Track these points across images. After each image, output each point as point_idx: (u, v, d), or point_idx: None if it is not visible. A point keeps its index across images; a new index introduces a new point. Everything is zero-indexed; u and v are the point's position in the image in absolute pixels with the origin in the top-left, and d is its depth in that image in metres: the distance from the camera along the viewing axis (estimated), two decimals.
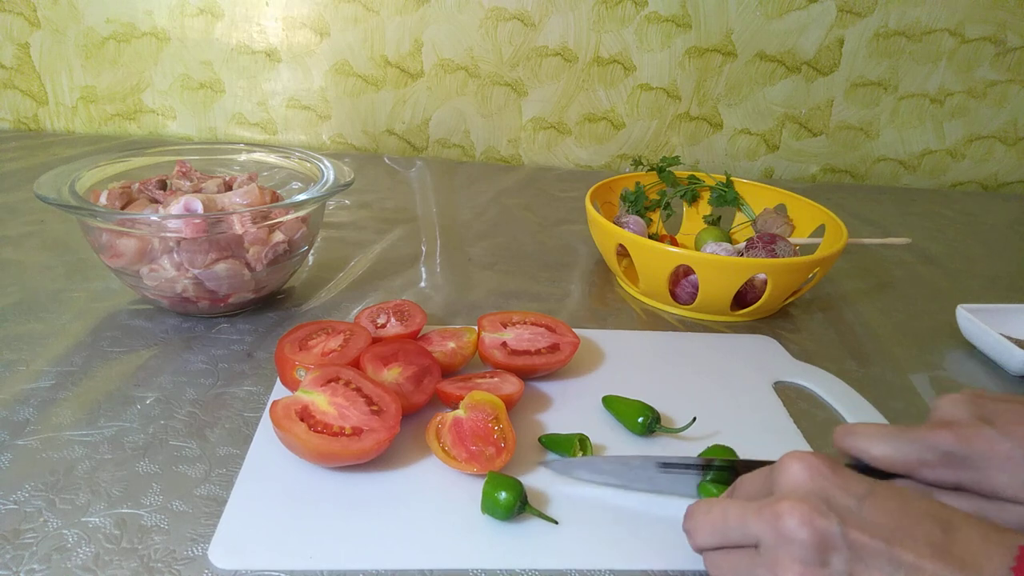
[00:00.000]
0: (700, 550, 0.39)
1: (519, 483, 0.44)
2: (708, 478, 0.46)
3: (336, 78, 1.21)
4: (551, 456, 0.50)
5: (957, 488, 0.38)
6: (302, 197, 0.63)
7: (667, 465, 0.46)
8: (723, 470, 0.46)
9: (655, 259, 0.69)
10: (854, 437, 0.40)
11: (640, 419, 0.52)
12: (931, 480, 0.39)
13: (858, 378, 0.63)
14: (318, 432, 0.45)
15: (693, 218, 0.92)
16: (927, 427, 0.39)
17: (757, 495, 0.37)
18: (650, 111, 1.25)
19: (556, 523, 0.44)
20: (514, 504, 0.43)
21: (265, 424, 0.51)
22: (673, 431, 0.53)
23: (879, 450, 0.39)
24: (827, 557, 0.32)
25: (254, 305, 0.68)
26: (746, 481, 0.39)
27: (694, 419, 0.53)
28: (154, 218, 0.59)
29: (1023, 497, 0.36)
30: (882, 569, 0.32)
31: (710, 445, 0.51)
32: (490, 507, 0.44)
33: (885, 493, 0.34)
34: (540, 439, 0.51)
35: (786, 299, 0.72)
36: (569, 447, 0.50)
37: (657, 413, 0.53)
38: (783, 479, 0.35)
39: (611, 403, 0.55)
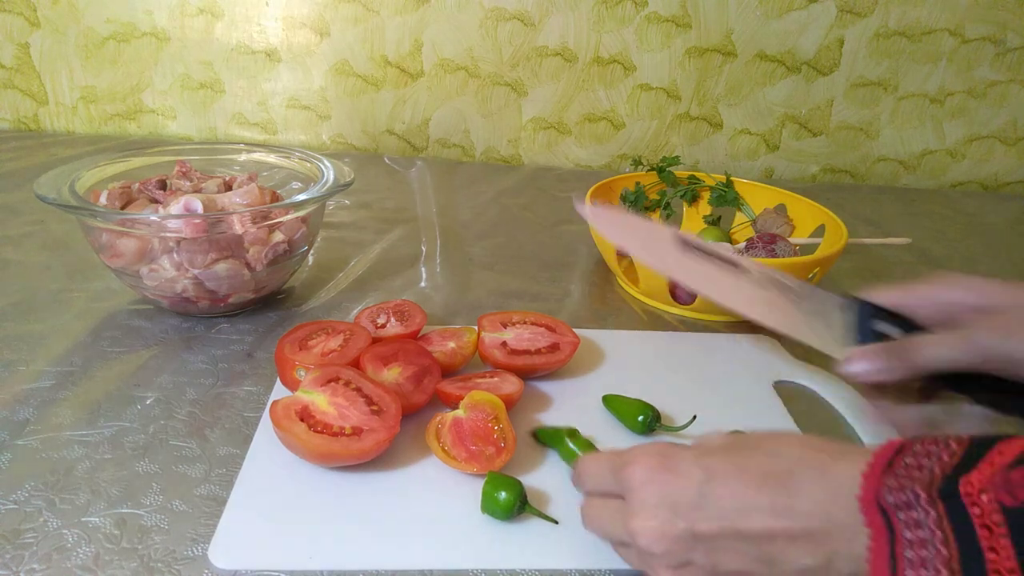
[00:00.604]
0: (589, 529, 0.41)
1: (519, 483, 0.44)
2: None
3: (336, 78, 1.21)
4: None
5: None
6: (302, 197, 0.63)
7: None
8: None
9: None
10: (926, 350, 0.41)
11: (640, 417, 0.52)
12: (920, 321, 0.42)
13: None
14: (318, 432, 0.45)
15: (693, 218, 0.92)
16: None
17: (606, 488, 0.39)
18: (650, 111, 1.25)
19: (556, 523, 0.44)
20: (514, 504, 0.43)
21: (265, 424, 0.51)
22: (673, 429, 0.53)
23: (886, 298, 0.44)
24: (688, 556, 0.34)
25: (254, 305, 0.68)
26: (591, 472, 0.41)
27: (694, 417, 0.53)
28: (154, 218, 0.59)
29: None
30: (738, 549, 0.33)
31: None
32: (490, 507, 0.44)
33: (721, 468, 0.35)
34: (535, 433, 0.51)
35: None
36: (559, 440, 0.50)
37: (657, 412, 0.53)
38: (629, 490, 0.37)
39: (611, 402, 0.55)
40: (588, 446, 0.49)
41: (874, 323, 0.44)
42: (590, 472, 0.41)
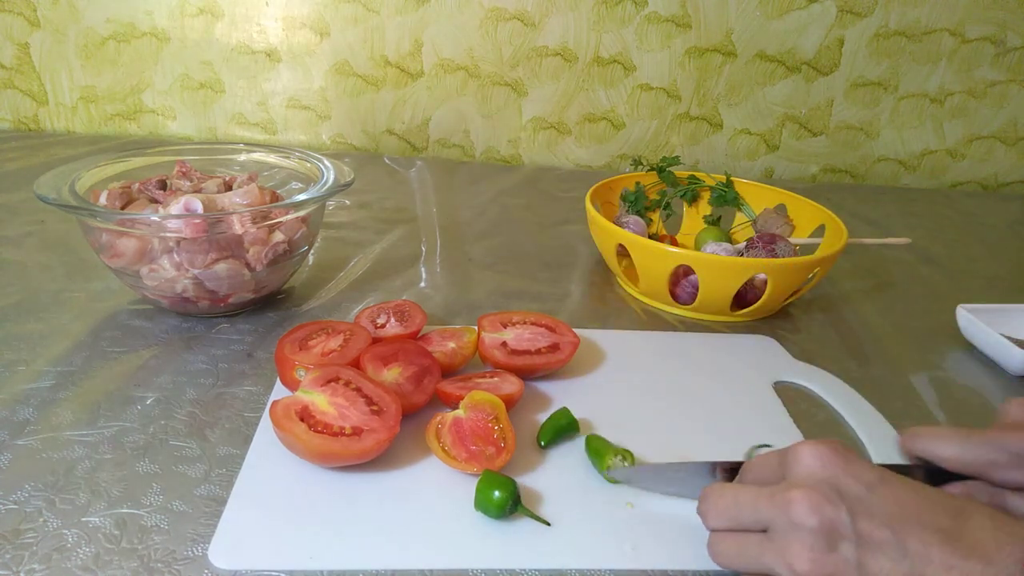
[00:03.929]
0: (713, 531, 0.39)
1: (513, 482, 0.44)
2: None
3: (336, 78, 1.21)
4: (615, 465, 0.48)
5: None
6: (302, 197, 0.63)
7: (734, 470, 0.44)
8: None
9: (655, 259, 0.69)
10: (923, 439, 0.41)
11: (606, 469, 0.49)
12: (1000, 482, 0.39)
13: (858, 378, 0.63)
14: (318, 432, 0.45)
15: (693, 218, 0.92)
16: (997, 428, 0.39)
17: (768, 480, 0.38)
18: (650, 111, 1.25)
19: (548, 524, 0.44)
20: (506, 503, 0.43)
21: (265, 424, 0.51)
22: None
23: (948, 452, 0.40)
24: (836, 544, 0.33)
25: (254, 305, 0.68)
26: (756, 465, 0.40)
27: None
28: (154, 218, 0.59)
29: None
30: (890, 556, 0.32)
31: (755, 445, 0.51)
32: (483, 505, 0.44)
33: (896, 482, 0.34)
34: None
35: (786, 299, 0.72)
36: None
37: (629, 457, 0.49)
38: (795, 467, 0.36)
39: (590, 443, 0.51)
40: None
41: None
42: (756, 464, 0.40)
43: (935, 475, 0.40)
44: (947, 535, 0.32)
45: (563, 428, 0.52)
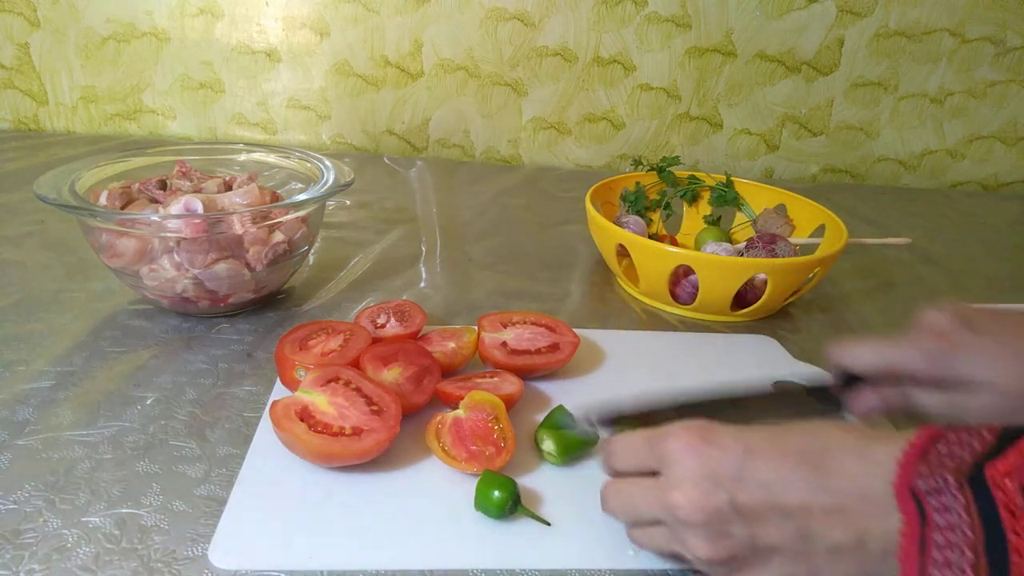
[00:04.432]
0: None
1: (513, 482, 0.44)
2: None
3: (336, 78, 1.21)
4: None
5: (938, 383, 0.43)
6: (302, 197, 0.63)
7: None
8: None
9: (655, 259, 0.69)
10: (846, 351, 0.45)
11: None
12: (916, 380, 0.44)
13: None
14: (318, 432, 0.45)
15: (693, 218, 0.92)
16: (914, 334, 0.44)
17: (640, 466, 0.40)
18: (650, 111, 1.25)
19: (548, 524, 0.44)
20: (506, 503, 0.43)
21: (265, 424, 0.51)
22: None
23: (869, 358, 0.44)
24: (726, 528, 0.35)
25: (254, 305, 0.68)
26: (624, 448, 0.41)
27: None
28: (154, 218, 0.59)
29: (993, 380, 0.42)
30: (776, 523, 0.34)
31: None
32: (482, 504, 0.44)
33: (760, 443, 0.36)
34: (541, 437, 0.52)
35: (786, 299, 0.72)
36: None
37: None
38: (670, 466, 0.37)
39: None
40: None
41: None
42: (623, 448, 0.41)
43: (853, 382, 0.44)
44: (817, 484, 0.34)
45: (560, 425, 0.51)
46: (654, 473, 0.38)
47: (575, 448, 0.49)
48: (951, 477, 0.31)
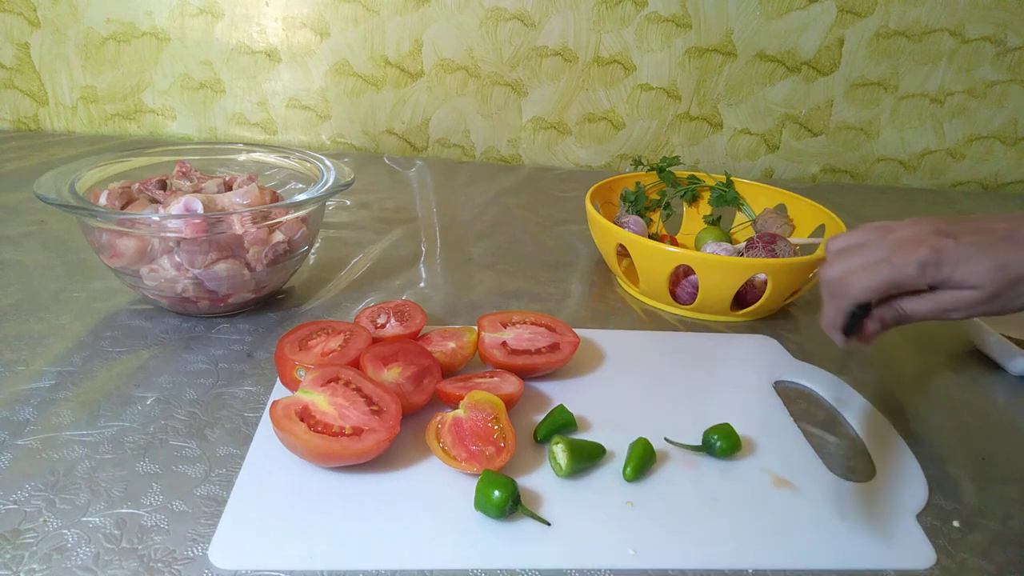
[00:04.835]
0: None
1: (513, 482, 0.44)
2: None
3: (336, 78, 1.21)
4: None
5: (930, 288, 0.49)
6: (302, 197, 0.63)
7: None
8: None
9: (655, 259, 0.69)
10: (855, 290, 0.48)
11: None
12: (908, 289, 0.49)
13: (858, 378, 0.63)
14: (318, 432, 0.45)
15: (693, 218, 0.92)
16: (901, 251, 0.48)
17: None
18: (650, 111, 1.25)
19: (548, 524, 0.44)
20: (506, 503, 0.43)
21: (265, 424, 0.51)
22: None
23: (878, 285, 0.48)
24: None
25: (254, 305, 0.68)
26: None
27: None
28: (154, 218, 0.59)
29: (972, 283, 0.47)
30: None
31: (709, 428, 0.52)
32: (482, 505, 0.44)
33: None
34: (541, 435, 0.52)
35: (786, 299, 0.72)
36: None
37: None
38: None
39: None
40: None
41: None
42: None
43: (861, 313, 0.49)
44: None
45: (561, 425, 0.52)
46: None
47: (585, 461, 0.49)
48: None
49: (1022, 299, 0.48)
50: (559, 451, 0.48)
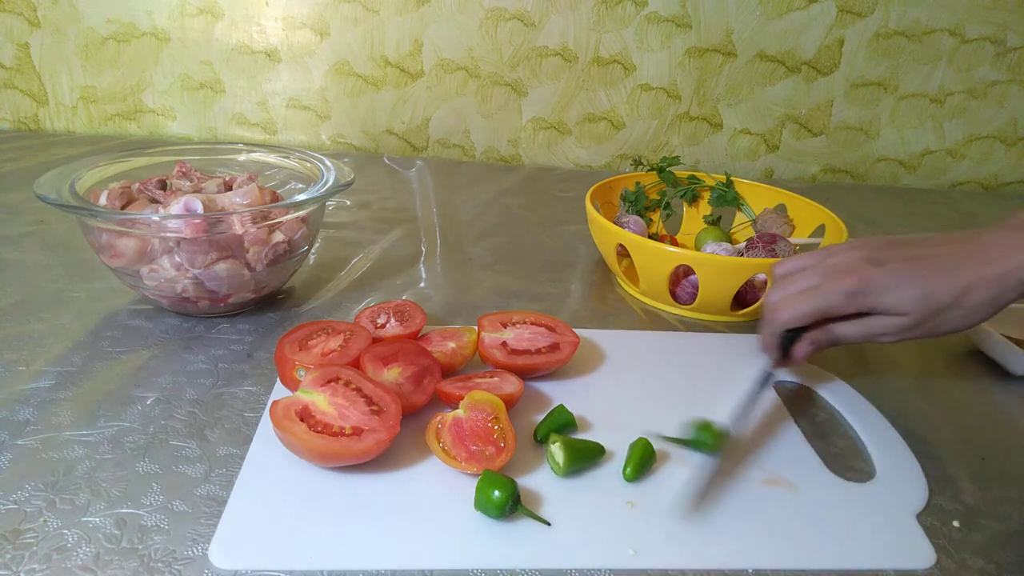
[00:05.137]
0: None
1: (513, 482, 0.44)
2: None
3: (336, 78, 1.21)
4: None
5: (856, 315, 0.51)
6: (302, 197, 0.63)
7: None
8: None
9: (655, 259, 0.69)
10: (784, 316, 0.52)
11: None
12: (838, 315, 0.51)
13: (858, 378, 0.63)
14: (318, 432, 0.45)
15: (693, 218, 0.92)
16: (832, 280, 0.50)
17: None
18: (650, 111, 1.25)
19: (548, 524, 0.44)
20: (506, 503, 0.43)
21: (265, 424, 0.51)
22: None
23: (806, 312, 0.51)
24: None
25: (254, 305, 0.68)
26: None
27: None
28: (154, 218, 0.59)
29: (898, 309, 0.49)
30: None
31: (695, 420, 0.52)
32: (482, 505, 0.44)
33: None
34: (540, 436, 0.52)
35: None
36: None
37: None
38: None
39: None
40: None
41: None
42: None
43: (792, 336, 0.54)
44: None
45: (561, 425, 0.52)
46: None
47: (583, 460, 0.49)
48: None
49: (949, 324, 0.50)
50: (556, 449, 0.48)
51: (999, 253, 0.48)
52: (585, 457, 0.49)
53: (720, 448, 0.51)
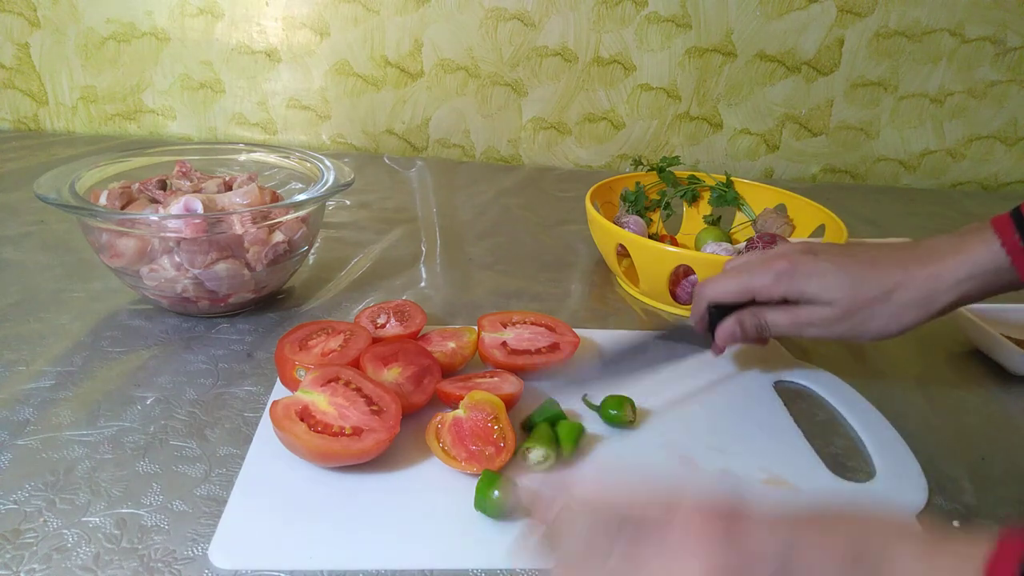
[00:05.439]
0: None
1: (513, 482, 0.44)
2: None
3: (336, 78, 1.21)
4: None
5: (782, 301, 0.51)
6: (302, 197, 0.63)
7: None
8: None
9: (655, 259, 0.69)
10: (710, 289, 0.53)
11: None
12: (765, 298, 0.51)
13: (858, 378, 0.63)
14: (318, 432, 0.45)
15: (693, 218, 0.92)
16: (765, 262, 0.51)
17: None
18: (650, 111, 1.25)
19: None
20: (506, 503, 0.43)
21: (265, 424, 0.51)
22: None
23: (733, 288, 0.52)
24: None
25: (254, 305, 0.68)
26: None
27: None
28: (154, 218, 0.59)
29: (825, 298, 0.49)
30: None
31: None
32: (482, 504, 0.44)
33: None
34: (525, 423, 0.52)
35: None
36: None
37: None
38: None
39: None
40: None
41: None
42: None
43: (721, 311, 0.54)
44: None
45: (550, 417, 0.52)
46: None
47: (569, 444, 0.50)
48: None
49: (877, 321, 0.49)
50: (534, 456, 0.48)
51: (934, 255, 0.48)
52: (568, 439, 0.50)
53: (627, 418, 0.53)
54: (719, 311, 0.54)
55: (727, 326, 0.54)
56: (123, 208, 0.63)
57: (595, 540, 0.31)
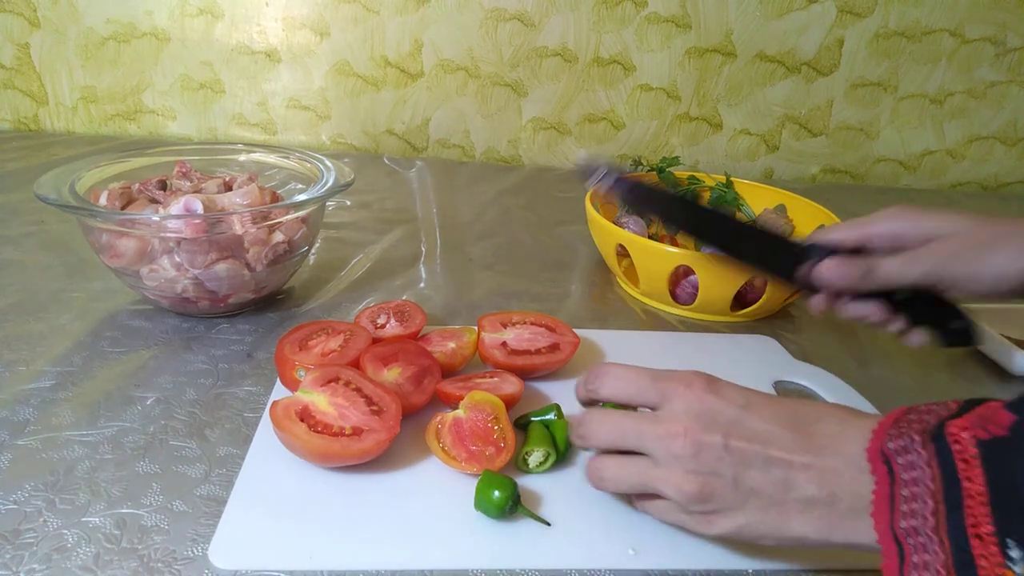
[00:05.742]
0: (593, 448, 0.44)
1: (513, 482, 0.44)
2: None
3: (336, 78, 1.21)
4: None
5: (902, 247, 0.49)
6: (302, 197, 0.63)
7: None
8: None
9: (655, 259, 0.69)
10: (830, 231, 0.53)
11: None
12: (884, 248, 0.50)
13: (858, 378, 0.63)
14: (318, 432, 0.45)
15: None
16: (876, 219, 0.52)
17: (636, 394, 0.42)
18: (650, 111, 1.25)
19: (548, 524, 0.44)
20: (506, 503, 0.43)
21: (265, 424, 0.51)
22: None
23: (851, 232, 0.52)
24: (714, 466, 0.38)
25: (254, 305, 0.68)
26: (622, 377, 0.43)
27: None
28: (154, 218, 0.59)
29: (952, 229, 0.48)
30: (759, 469, 0.37)
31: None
32: (482, 505, 0.44)
33: (760, 403, 0.39)
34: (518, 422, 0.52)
35: (786, 299, 0.72)
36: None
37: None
38: (669, 399, 0.40)
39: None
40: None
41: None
42: (624, 376, 0.43)
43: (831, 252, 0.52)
44: (804, 441, 0.37)
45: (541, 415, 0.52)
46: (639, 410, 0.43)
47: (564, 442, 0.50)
48: (917, 436, 0.34)
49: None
50: (534, 459, 0.49)
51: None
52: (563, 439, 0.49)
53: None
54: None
55: (836, 268, 0.50)
56: (123, 208, 0.63)
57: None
